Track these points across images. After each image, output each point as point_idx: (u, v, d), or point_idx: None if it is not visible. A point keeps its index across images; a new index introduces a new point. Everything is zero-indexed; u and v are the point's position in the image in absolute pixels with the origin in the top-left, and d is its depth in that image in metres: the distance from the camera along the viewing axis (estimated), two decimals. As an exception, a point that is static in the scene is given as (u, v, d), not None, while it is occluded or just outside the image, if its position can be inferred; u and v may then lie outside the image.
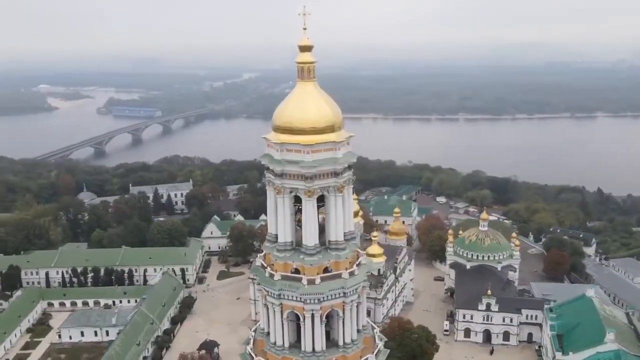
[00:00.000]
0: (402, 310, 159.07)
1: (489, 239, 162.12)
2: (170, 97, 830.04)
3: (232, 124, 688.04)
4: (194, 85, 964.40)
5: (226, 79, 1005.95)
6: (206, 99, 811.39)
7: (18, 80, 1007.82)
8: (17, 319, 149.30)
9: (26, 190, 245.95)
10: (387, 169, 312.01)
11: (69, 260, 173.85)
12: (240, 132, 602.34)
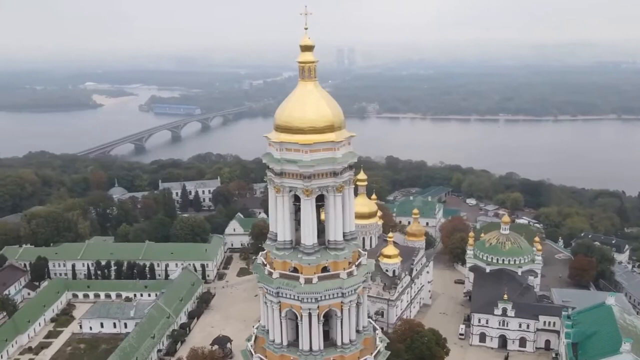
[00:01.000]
0: (419, 312, 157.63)
1: (509, 243, 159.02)
2: (210, 95, 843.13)
3: (269, 122, 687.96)
4: (234, 83, 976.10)
5: (267, 78, 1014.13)
6: (245, 98, 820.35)
7: (66, 77, 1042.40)
8: (42, 308, 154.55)
9: (61, 184, 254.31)
10: (418, 170, 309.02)
11: (94, 253, 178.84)
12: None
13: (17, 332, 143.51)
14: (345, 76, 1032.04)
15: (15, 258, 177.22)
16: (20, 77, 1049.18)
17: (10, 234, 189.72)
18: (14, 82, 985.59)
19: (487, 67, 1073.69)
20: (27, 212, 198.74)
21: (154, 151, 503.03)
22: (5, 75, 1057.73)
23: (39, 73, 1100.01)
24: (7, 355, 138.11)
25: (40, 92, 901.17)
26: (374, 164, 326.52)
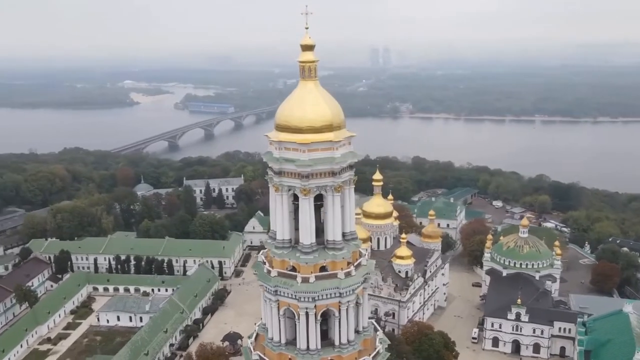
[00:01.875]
0: (433, 314, 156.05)
1: (527, 247, 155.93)
2: (244, 93, 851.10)
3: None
4: (268, 82, 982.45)
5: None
6: (278, 96, 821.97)
7: (105, 76, 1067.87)
8: (62, 300, 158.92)
9: (90, 180, 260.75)
10: (444, 171, 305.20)
11: (116, 248, 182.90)
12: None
13: (37, 322, 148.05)
14: (380, 76, 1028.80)
15: (40, 251, 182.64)
16: (62, 75, 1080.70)
17: (37, 227, 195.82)
18: (55, 80, 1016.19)
19: (525, 67, 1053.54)
20: (53, 207, 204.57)
21: (187, 149, 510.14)
22: (47, 74, 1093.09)
23: (80, 71, 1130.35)
24: (26, 345, 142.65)
25: (80, 90, 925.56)
26: (401, 164, 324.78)
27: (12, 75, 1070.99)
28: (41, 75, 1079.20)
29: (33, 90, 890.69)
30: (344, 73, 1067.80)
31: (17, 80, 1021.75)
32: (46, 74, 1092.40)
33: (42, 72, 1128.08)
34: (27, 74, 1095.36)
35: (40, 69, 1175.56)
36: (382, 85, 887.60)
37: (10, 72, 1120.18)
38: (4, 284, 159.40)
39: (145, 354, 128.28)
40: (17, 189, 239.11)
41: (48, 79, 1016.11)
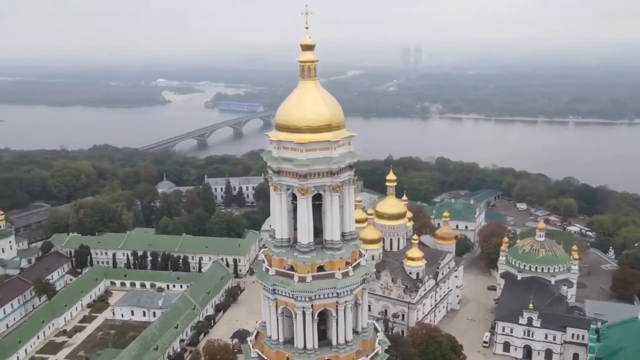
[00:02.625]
0: (445, 317, 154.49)
1: (544, 250, 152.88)
2: (274, 92, 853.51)
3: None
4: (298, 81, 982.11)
5: (330, 76, 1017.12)
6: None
7: (139, 74, 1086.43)
8: (80, 294, 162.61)
9: (114, 176, 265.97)
10: (468, 172, 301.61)
11: (134, 244, 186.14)
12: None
13: (54, 315, 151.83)
14: (410, 75, 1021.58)
15: (62, 245, 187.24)
16: (98, 73, 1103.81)
17: (60, 222, 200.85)
18: (91, 78, 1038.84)
19: (561, 67, 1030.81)
20: (76, 202, 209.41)
21: (215, 147, 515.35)
22: (84, 72, 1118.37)
23: (115, 70, 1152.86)
24: (43, 337, 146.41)
25: (115, 88, 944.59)
26: (424, 164, 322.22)
27: (49, 74, 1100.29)
28: (78, 73, 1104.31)
29: (69, 88, 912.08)
30: (375, 72, 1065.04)
31: (54, 78, 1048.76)
32: (82, 72, 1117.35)
33: (78, 70, 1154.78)
34: (63, 72, 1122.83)
35: (77, 68, 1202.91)
36: (412, 85, 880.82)
37: (48, 70, 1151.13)
38: (25, 277, 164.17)
39: (154, 349, 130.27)
40: (44, 185, 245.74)
41: (84, 78, 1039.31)
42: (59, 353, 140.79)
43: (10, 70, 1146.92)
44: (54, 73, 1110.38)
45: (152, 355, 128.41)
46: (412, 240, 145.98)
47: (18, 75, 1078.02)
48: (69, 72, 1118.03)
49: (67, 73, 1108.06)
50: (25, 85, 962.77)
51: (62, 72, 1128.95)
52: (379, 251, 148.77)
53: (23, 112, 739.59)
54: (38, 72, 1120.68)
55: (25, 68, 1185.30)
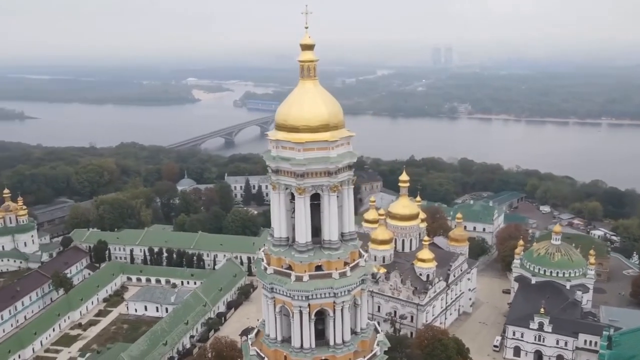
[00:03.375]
0: (457, 320, 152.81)
1: (559, 254, 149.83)
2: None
3: (357, 120, 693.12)
4: (327, 80, 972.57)
5: (360, 76, 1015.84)
6: (336, 95, 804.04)
7: (170, 73, 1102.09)
8: (96, 288, 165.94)
9: (137, 173, 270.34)
10: (492, 173, 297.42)
11: (151, 240, 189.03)
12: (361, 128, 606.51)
13: (70, 308, 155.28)
14: (440, 75, 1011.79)
15: (82, 240, 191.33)
16: (130, 72, 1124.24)
17: (81, 217, 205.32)
18: (124, 77, 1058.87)
19: (595, 68, 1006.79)
20: (97, 198, 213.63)
21: (242, 146, 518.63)
22: (117, 71, 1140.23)
23: (147, 68, 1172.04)
24: (59, 329, 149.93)
25: (146, 87, 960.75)
26: (446, 165, 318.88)
27: (84, 72, 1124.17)
28: (111, 72, 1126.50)
29: (102, 86, 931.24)
30: (405, 72, 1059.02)
31: (88, 77, 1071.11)
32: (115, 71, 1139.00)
33: (112, 69, 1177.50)
34: (98, 71, 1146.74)
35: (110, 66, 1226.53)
36: (442, 85, 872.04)
37: (83, 69, 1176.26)
38: (44, 271, 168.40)
39: (163, 344, 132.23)
40: (68, 181, 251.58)
41: (117, 76, 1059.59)
42: (72, 346, 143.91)
43: (48, 69, 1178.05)
44: (89, 72, 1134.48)
45: (161, 350, 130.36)
46: (423, 242, 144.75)
47: (55, 74, 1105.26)
48: (103, 71, 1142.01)
49: (101, 72, 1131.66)
50: (61, 83, 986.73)
51: (96, 70, 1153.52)
52: (390, 252, 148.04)
53: (58, 109, 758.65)
54: (74, 70, 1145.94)
55: (61, 67, 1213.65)
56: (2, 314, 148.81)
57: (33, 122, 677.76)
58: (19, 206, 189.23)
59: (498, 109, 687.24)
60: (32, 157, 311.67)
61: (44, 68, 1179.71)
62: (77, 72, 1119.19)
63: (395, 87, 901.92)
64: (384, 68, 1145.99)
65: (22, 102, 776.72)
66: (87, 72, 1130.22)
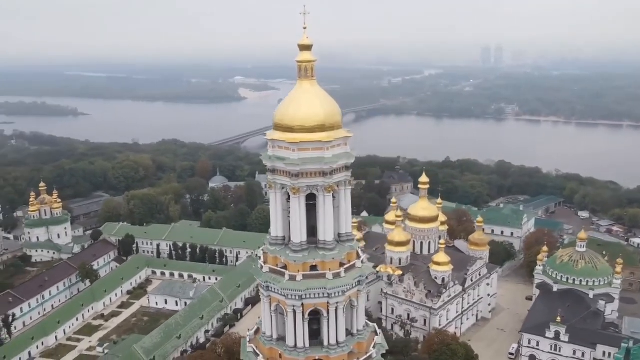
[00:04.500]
0: (474, 325, 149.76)
1: (583, 262, 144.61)
2: (347, 91, 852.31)
3: (401, 120, 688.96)
4: (373, 80, 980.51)
5: (406, 76, 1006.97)
6: (381, 95, 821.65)
7: (219, 71, 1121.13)
8: (120, 281, 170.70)
9: (172, 170, 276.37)
10: (529, 177, 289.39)
11: (177, 236, 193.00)
12: (403, 128, 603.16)
13: (94, 299, 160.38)
14: (489, 75, 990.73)
15: (112, 234, 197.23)
16: (181, 70, 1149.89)
17: (113, 212, 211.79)
18: (174, 75, 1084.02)
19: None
20: (128, 194, 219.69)
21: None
22: (169, 69, 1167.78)
23: (197, 67, 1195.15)
24: (82, 319, 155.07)
25: (195, 85, 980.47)
26: (483, 167, 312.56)
27: (138, 71, 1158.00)
28: (163, 71, 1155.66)
29: (153, 84, 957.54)
30: (453, 72, 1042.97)
31: (141, 75, 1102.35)
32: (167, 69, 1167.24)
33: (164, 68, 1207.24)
34: (149, 69, 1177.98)
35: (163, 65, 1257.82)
36: (490, 85, 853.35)
37: (137, 67, 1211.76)
38: (73, 262, 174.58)
39: (177, 337, 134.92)
40: (105, 176, 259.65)
41: (168, 75, 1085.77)
42: (93, 335, 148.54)
43: (103, 67, 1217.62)
44: (142, 70, 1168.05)
45: (174, 344, 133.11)
46: (439, 244, 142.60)
47: (110, 72, 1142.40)
48: (155, 70, 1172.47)
49: (154, 70, 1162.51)
50: (115, 81, 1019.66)
51: (149, 69, 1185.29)
52: (406, 254, 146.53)
53: (110, 106, 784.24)
54: (128, 69, 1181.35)
55: (116, 66, 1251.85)
56: (30, 302, 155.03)
57: (85, 118, 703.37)
58: (53, 199, 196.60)
59: (547, 110, 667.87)
60: (76, 152, 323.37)
61: (100, 67, 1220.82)
62: (130, 71, 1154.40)
63: (442, 87, 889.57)
64: (432, 68, 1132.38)
65: (77, 99, 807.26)
66: (140, 70, 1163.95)
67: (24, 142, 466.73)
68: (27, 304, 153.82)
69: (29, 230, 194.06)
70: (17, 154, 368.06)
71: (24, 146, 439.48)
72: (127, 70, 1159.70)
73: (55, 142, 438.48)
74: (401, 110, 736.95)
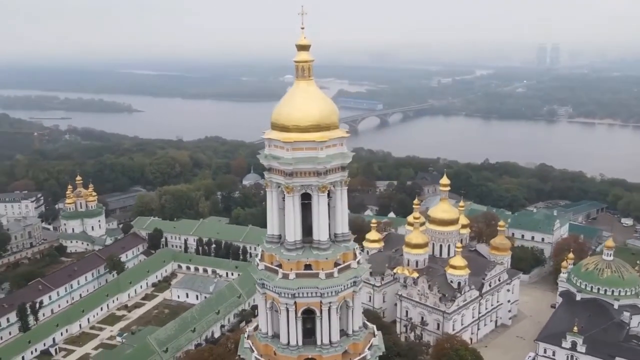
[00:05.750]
0: (493, 332, 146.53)
1: (609, 271, 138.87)
2: (396, 91, 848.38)
3: (448, 121, 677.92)
4: (422, 80, 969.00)
5: (457, 76, 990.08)
6: (429, 95, 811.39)
7: (269, 70, 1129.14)
8: (146, 273, 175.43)
9: (208, 167, 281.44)
10: (571, 181, 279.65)
11: (204, 231, 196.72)
12: (450, 129, 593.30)
13: (119, 290, 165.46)
14: (543, 76, 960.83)
15: (142, 227, 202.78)
16: (232, 69, 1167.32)
17: (145, 206, 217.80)
18: (225, 73, 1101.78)
19: None
20: (161, 189, 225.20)
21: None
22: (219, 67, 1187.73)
23: (248, 66, 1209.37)
24: (107, 309, 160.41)
25: (243, 83, 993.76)
26: (522, 170, 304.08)
27: (189, 68, 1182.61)
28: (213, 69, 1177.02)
29: (204, 82, 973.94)
30: (504, 72, 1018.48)
31: (192, 73, 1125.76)
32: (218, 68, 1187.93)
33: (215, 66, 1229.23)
34: (201, 67, 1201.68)
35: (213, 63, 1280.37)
36: (543, 86, 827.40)
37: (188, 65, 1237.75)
38: (102, 254, 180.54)
39: (192, 331, 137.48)
40: (143, 171, 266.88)
41: (218, 73, 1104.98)
42: (115, 325, 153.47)
43: (155, 65, 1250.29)
44: (193, 68, 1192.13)
45: (188, 336, 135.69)
46: (456, 248, 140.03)
47: (161, 70, 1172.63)
48: (206, 68, 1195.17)
49: (204, 68, 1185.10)
50: (167, 79, 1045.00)
51: (200, 67, 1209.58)
52: (424, 256, 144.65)
53: (161, 103, 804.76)
54: (179, 67, 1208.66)
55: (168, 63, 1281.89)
56: (58, 291, 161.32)
57: (139, 115, 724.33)
58: (89, 192, 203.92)
59: (603, 113, 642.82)
60: (120, 147, 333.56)
61: (153, 65, 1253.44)
62: (181, 69, 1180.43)
63: (493, 87, 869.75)
64: (483, 68, 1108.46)
65: (131, 96, 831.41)
66: (191, 68, 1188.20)
67: (77, 137, 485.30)
68: (55, 292, 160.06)
69: (65, 222, 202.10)
70: (67, 148, 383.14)
71: (76, 141, 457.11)
72: (179, 68, 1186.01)
73: (105, 138, 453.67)
74: (449, 111, 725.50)
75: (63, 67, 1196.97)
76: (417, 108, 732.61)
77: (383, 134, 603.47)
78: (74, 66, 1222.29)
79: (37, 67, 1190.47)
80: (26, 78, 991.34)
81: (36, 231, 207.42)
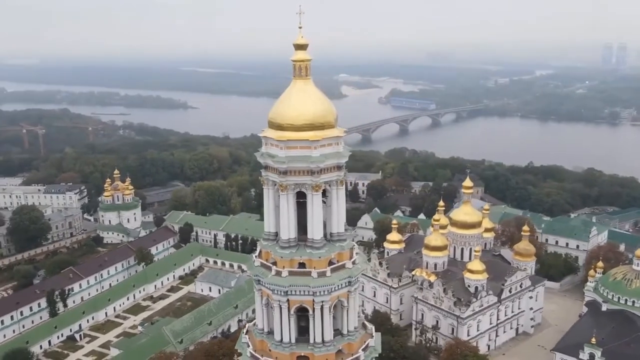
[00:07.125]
0: (512, 339, 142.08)
1: (638, 281, 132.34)
2: (449, 91, 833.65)
3: (502, 122, 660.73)
4: (479, 80, 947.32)
5: (515, 76, 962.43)
6: (485, 95, 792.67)
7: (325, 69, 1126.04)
8: (173, 266, 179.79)
9: (247, 163, 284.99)
10: (620, 187, 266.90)
11: (233, 227, 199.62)
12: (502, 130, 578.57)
13: (146, 281, 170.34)
14: (607, 77, 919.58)
15: (175, 222, 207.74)
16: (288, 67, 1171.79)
17: (180, 200, 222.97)
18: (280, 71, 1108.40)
19: None
20: (195, 184, 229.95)
21: (378, 143, 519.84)
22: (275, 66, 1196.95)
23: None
24: (133, 299, 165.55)
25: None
26: (568, 174, 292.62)
27: (246, 67, 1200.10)
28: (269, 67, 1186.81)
29: (259, 80, 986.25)
30: (566, 73, 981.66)
31: (249, 71, 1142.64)
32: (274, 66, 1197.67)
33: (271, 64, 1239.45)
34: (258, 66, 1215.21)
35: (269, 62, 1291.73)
36: (606, 87, 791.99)
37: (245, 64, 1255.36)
38: (133, 245, 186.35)
39: (208, 324, 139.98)
40: (182, 167, 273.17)
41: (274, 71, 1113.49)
42: (139, 315, 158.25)
43: (215, 63, 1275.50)
44: (250, 66, 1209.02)
45: (204, 329, 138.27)
46: (474, 252, 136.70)
47: (220, 68, 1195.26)
48: (263, 66, 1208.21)
49: (261, 66, 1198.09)
50: (224, 77, 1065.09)
51: (256, 65, 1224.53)
52: (443, 259, 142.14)
53: (217, 101, 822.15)
54: (237, 65, 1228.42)
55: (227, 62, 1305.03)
56: (89, 279, 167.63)
57: (194, 111, 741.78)
58: (125, 186, 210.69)
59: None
60: (165, 143, 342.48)
61: (211, 63, 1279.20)
62: (239, 67, 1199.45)
63: (552, 88, 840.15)
64: (544, 68, 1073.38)
65: (188, 93, 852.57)
66: (248, 66, 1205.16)
67: (132, 132, 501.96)
68: (85, 280, 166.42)
69: (103, 214, 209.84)
70: (118, 142, 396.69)
71: (130, 136, 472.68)
72: (236, 67, 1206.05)
73: (157, 133, 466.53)
74: (504, 112, 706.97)
75: (127, 66, 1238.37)
76: (471, 108, 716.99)
77: (433, 134, 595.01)
78: (134, 63, 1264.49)
79: (102, 66, 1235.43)
80: (91, 77, 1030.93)
81: (77, 222, 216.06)
